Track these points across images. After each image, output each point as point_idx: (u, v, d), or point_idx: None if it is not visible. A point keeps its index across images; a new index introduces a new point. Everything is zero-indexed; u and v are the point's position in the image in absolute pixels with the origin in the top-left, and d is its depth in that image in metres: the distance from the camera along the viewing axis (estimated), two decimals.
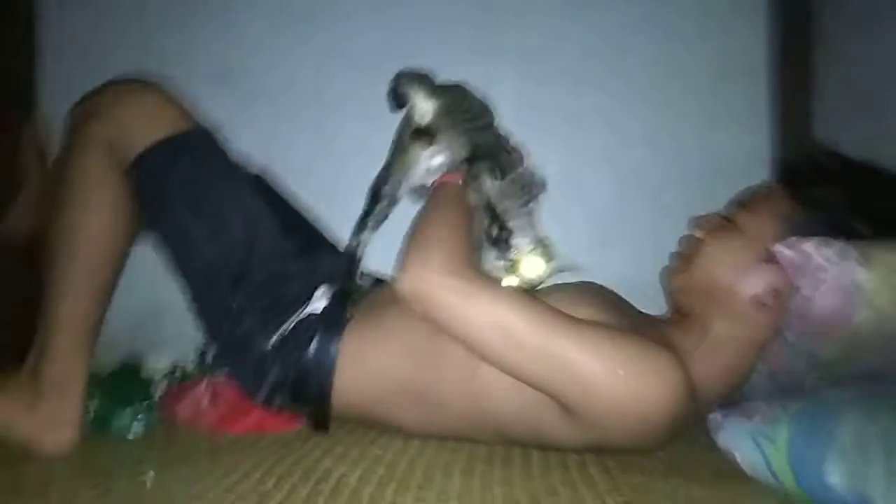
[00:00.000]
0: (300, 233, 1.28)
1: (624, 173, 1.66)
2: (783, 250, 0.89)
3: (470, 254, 0.98)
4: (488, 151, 1.09)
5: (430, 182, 1.11)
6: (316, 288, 1.09)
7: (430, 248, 0.96)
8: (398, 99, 1.13)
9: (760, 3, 1.62)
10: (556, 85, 1.67)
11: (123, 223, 1.09)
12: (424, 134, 1.10)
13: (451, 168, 1.10)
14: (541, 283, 1.02)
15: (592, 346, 0.87)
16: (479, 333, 0.91)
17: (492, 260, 1.03)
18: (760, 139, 1.60)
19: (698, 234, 0.99)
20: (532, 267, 1.01)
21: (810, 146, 1.46)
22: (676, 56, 1.65)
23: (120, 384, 1.23)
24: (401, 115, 1.17)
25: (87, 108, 1.10)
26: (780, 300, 0.90)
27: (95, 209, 1.07)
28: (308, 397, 1.05)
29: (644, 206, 1.65)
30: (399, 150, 1.12)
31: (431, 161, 1.10)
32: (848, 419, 0.73)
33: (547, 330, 0.88)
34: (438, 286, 0.92)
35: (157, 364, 1.33)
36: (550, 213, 1.63)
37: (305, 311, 1.06)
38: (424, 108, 1.10)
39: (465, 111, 1.14)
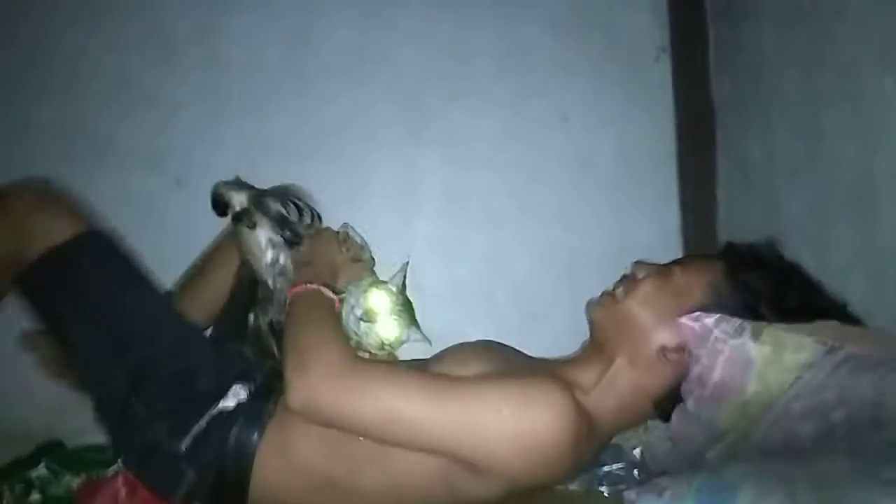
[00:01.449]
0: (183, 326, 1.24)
1: (542, 252, 1.74)
2: (687, 322, 0.95)
3: (343, 347, 0.99)
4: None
5: (276, 257, 1.17)
6: (228, 380, 1.08)
7: (306, 357, 0.96)
8: (217, 204, 1.22)
9: (668, 99, 1.74)
10: (478, 170, 1.75)
11: None
12: (244, 217, 1.18)
13: (276, 235, 1.17)
14: (398, 346, 1.10)
15: (475, 399, 0.91)
16: (375, 424, 0.93)
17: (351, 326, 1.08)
18: (670, 222, 1.70)
19: (639, 274, 1.04)
20: (387, 328, 1.08)
21: (713, 233, 1.58)
22: (591, 145, 1.75)
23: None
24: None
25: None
26: (682, 359, 0.95)
27: None
28: (227, 496, 1.03)
29: (561, 282, 1.71)
30: (241, 247, 1.21)
31: (266, 239, 1.17)
32: (743, 493, 0.76)
33: (432, 400, 0.92)
34: (323, 393, 0.93)
35: None
36: (475, 288, 1.71)
37: (217, 407, 1.05)
38: (238, 198, 1.20)
39: (271, 193, 1.24)
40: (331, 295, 1.07)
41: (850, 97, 1.11)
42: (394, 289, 1.11)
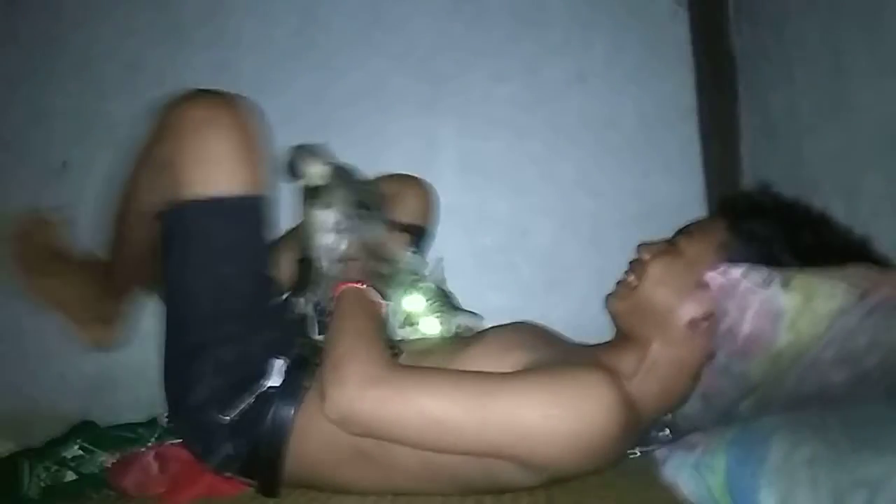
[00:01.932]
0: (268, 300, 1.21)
1: (564, 218, 1.71)
2: (715, 276, 0.93)
3: (380, 354, 0.97)
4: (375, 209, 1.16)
5: (337, 243, 1.13)
6: (274, 355, 1.07)
7: (342, 367, 0.94)
8: (293, 170, 1.16)
9: (687, 53, 1.70)
10: (495, 139, 1.73)
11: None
12: (318, 195, 1.13)
13: (348, 223, 1.13)
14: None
15: (520, 399, 0.88)
16: (416, 433, 0.91)
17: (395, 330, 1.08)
18: (693, 181, 1.67)
19: (645, 256, 1.02)
20: (429, 326, 1.08)
21: (737, 185, 1.54)
22: (609, 106, 1.72)
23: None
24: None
25: (171, 118, 1.07)
26: (714, 324, 0.93)
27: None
28: (260, 467, 1.04)
29: (585, 248, 1.69)
30: (305, 219, 1.15)
31: (328, 218, 1.13)
32: (776, 442, 0.75)
33: (475, 403, 0.89)
34: (360, 405, 0.91)
35: None
36: (498, 258, 1.70)
37: (265, 385, 1.05)
38: (315, 171, 1.14)
39: (353, 175, 1.19)
40: (377, 297, 1.06)
41: (872, 42, 1.07)
42: (430, 287, 1.11)
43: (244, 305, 1.08)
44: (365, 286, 1.05)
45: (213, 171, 1.04)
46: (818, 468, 0.70)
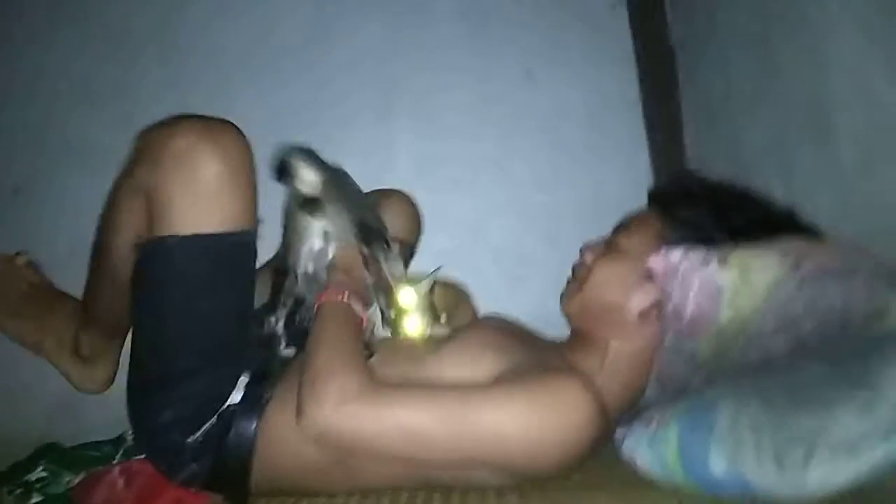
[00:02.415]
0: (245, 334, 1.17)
1: (520, 215, 1.74)
2: (656, 261, 0.97)
3: (360, 367, 0.97)
4: (376, 228, 1.13)
5: (326, 252, 1.13)
6: (238, 374, 1.07)
7: (319, 383, 0.93)
8: (282, 171, 1.13)
9: (628, 48, 1.75)
10: (449, 138, 1.75)
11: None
12: (312, 204, 1.11)
13: (339, 237, 1.12)
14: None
15: (498, 413, 0.89)
16: (393, 447, 0.92)
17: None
18: (641, 170, 1.71)
19: (588, 258, 1.06)
20: (412, 325, 1.09)
21: (681, 167, 1.59)
22: (557, 102, 1.76)
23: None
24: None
25: (151, 146, 1.03)
26: (662, 309, 0.96)
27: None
28: (227, 482, 1.04)
29: (542, 243, 1.72)
30: (290, 224, 1.13)
31: (322, 230, 1.12)
32: (723, 410, 0.78)
33: (453, 417, 0.90)
34: (338, 420, 0.91)
35: None
36: (459, 258, 1.71)
37: (227, 402, 1.04)
38: (311, 179, 1.11)
39: (348, 184, 1.19)
40: (359, 311, 1.06)
41: (798, 25, 1.12)
42: (423, 288, 1.11)
43: (219, 340, 1.07)
44: (346, 298, 1.05)
45: (195, 207, 0.99)
46: (761, 430, 0.73)
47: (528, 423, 0.88)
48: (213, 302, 1.05)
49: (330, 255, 1.12)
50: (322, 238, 1.12)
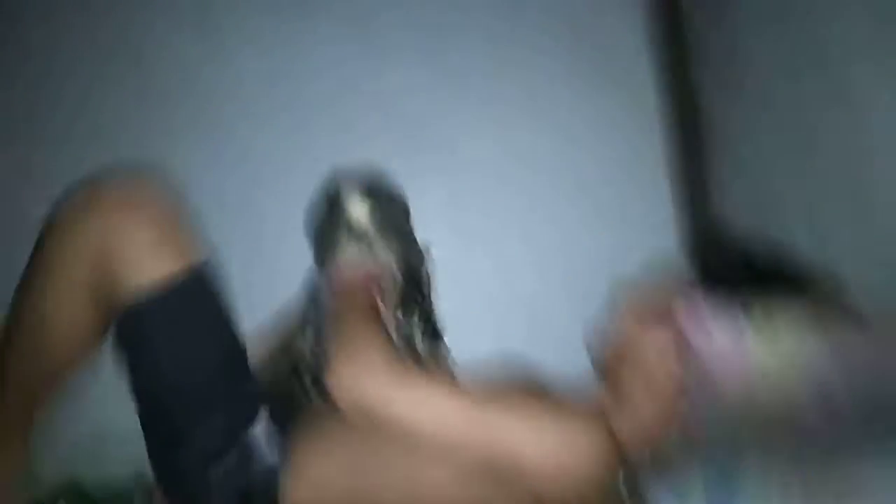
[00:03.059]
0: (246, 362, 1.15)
1: (546, 264, 1.75)
2: (685, 321, 0.96)
3: (389, 345, 1.00)
4: (416, 272, 1.15)
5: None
6: (256, 407, 1.05)
7: (353, 349, 0.96)
8: (331, 198, 1.13)
9: (653, 103, 1.78)
10: (474, 191, 1.77)
11: (83, 350, 1.03)
12: (357, 235, 1.10)
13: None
14: None
15: (521, 421, 0.91)
16: (416, 423, 0.93)
17: None
18: (669, 228, 1.72)
19: (622, 315, 1.05)
20: None
21: (708, 220, 1.60)
22: (584, 159, 1.79)
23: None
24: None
25: (76, 213, 0.97)
26: (690, 370, 0.96)
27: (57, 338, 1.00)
28: None
29: (565, 298, 1.72)
30: (330, 252, 1.11)
31: (362, 262, 1.11)
32: (749, 480, 0.77)
33: (476, 414, 0.92)
34: (373, 387, 0.93)
35: None
36: (484, 308, 1.72)
37: (250, 436, 1.03)
38: (359, 211, 1.10)
39: (395, 217, 1.17)
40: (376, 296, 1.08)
41: (834, 90, 1.13)
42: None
43: (224, 378, 1.06)
44: (365, 282, 1.07)
45: (150, 256, 0.96)
46: (790, 488, 0.72)
47: (540, 442, 0.90)
48: (204, 343, 1.05)
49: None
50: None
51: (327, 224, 1.13)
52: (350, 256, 1.10)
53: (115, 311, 0.97)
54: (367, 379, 0.93)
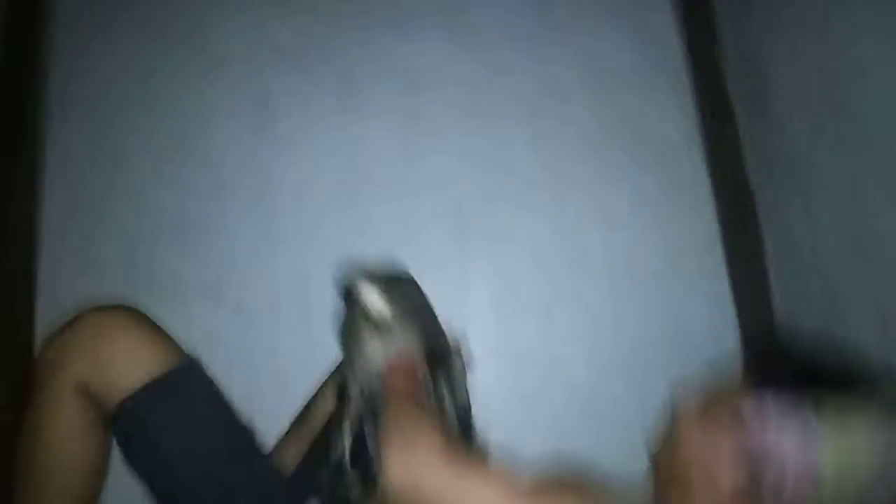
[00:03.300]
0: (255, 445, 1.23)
1: (598, 351, 1.72)
2: (751, 424, 0.91)
3: (444, 432, 0.98)
4: (441, 357, 1.14)
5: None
6: (302, 497, 1.07)
7: (409, 435, 0.94)
8: (350, 294, 1.14)
9: (704, 183, 1.77)
10: (526, 274, 1.77)
11: (97, 469, 1.09)
12: (380, 328, 1.10)
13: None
14: None
15: None
16: None
17: None
18: (725, 311, 1.68)
19: (683, 417, 1.01)
20: None
21: (769, 316, 1.55)
22: (635, 238, 1.78)
23: None
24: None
25: (63, 343, 1.08)
26: (755, 483, 0.90)
27: (69, 467, 1.07)
28: None
29: (622, 383, 1.69)
30: (356, 347, 1.12)
31: (388, 354, 1.11)
32: None
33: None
34: (426, 472, 0.91)
35: None
36: (534, 393, 1.69)
37: None
38: (379, 305, 1.11)
39: (416, 307, 1.18)
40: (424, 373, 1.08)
41: (887, 173, 1.11)
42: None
43: (228, 462, 1.09)
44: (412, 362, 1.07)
45: (135, 361, 1.06)
46: None
47: None
48: (201, 429, 1.09)
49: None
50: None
51: (348, 319, 1.14)
52: (374, 349, 1.10)
53: (110, 418, 1.05)
54: (424, 464, 0.91)
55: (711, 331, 1.65)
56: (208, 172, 1.86)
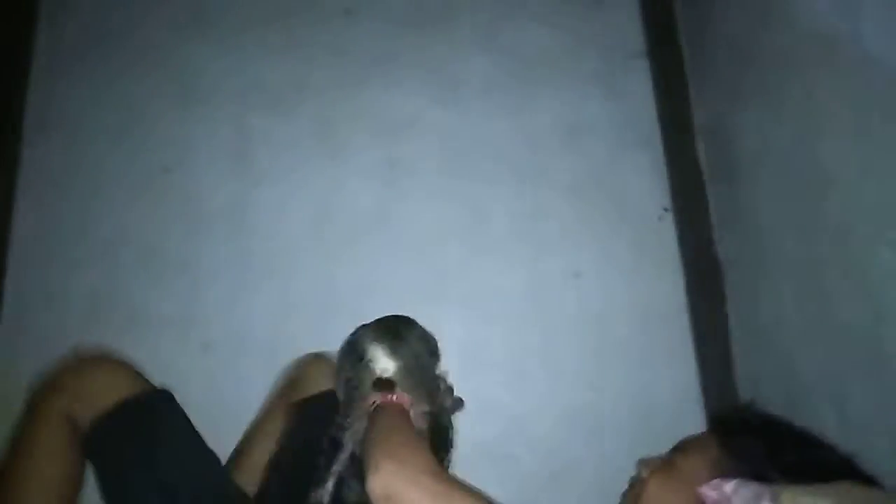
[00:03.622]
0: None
1: (564, 409, 1.73)
2: (707, 492, 0.95)
3: (431, 454, 1.00)
4: (443, 425, 1.18)
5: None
6: None
7: (399, 451, 0.96)
8: (357, 351, 1.19)
9: (675, 255, 1.82)
10: (496, 328, 1.79)
11: (74, 492, 1.13)
12: (385, 385, 1.14)
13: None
14: None
15: None
16: None
17: None
18: (689, 377, 1.72)
19: (643, 473, 1.05)
20: None
21: (731, 386, 1.59)
22: (604, 301, 1.80)
23: None
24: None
25: (46, 382, 1.17)
26: None
27: (48, 482, 1.11)
28: None
29: (586, 441, 1.70)
30: (357, 400, 1.15)
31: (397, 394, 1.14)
32: None
33: None
34: (413, 484, 0.92)
35: None
36: (499, 450, 1.70)
37: None
38: (385, 364, 1.16)
39: (422, 368, 1.21)
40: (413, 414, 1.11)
41: (844, 259, 1.16)
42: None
43: (201, 484, 1.13)
44: (401, 403, 1.10)
45: (110, 389, 1.14)
46: None
47: None
48: (171, 453, 1.13)
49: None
50: None
51: (353, 373, 1.18)
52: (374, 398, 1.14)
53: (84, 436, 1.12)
54: (413, 477, 0.92)
55: (675, 396, 1.68)
56: (184, 206, 1.87)
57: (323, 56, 1.99)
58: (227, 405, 1.56)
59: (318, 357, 1.46)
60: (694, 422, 1.61)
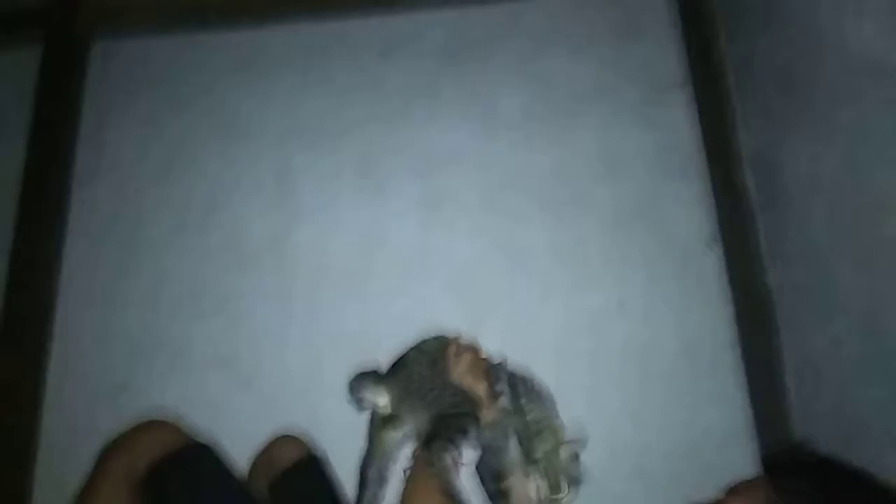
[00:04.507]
0: None
1: (609, 445, 1.68)
2: None
3: None
4: (446, 422, 1.17)
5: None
6: None
7: None
8: (359, 402, 1.26)
9: (723, 287, 1.77)
10: (539, 361, 1.75)
11: None
12: (391, 419, 1.21)
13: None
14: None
15: None
16: None
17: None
18: (740, 413, 1.66)
19: None
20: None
21: (784, 423, 1.52)
22: (650, 335, 1.77)
23: None
24: None
25: (110, 444, 1.23)
26: None
27: None
28: None
29: (631, 478, 1.65)
30: (374, 437, 1.24)
31: (401, 438, 1.21)
32: None
33: None
34: None
35: None
36: None
37: None
38: (382, 402, 1.23)
39: (416, 390, 1.24)
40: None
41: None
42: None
43: None
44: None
45: (166, 441, 1.21)
46: None
47: None
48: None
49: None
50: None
51: (368, 416, 1.27)
52: (390, 438, 1.22)
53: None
54: None
55: (724, 433, 1.63)
56: (227, 244, 1.90)
57: (361, 93, 2.02)
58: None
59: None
60: (744, 461, 1.57)
